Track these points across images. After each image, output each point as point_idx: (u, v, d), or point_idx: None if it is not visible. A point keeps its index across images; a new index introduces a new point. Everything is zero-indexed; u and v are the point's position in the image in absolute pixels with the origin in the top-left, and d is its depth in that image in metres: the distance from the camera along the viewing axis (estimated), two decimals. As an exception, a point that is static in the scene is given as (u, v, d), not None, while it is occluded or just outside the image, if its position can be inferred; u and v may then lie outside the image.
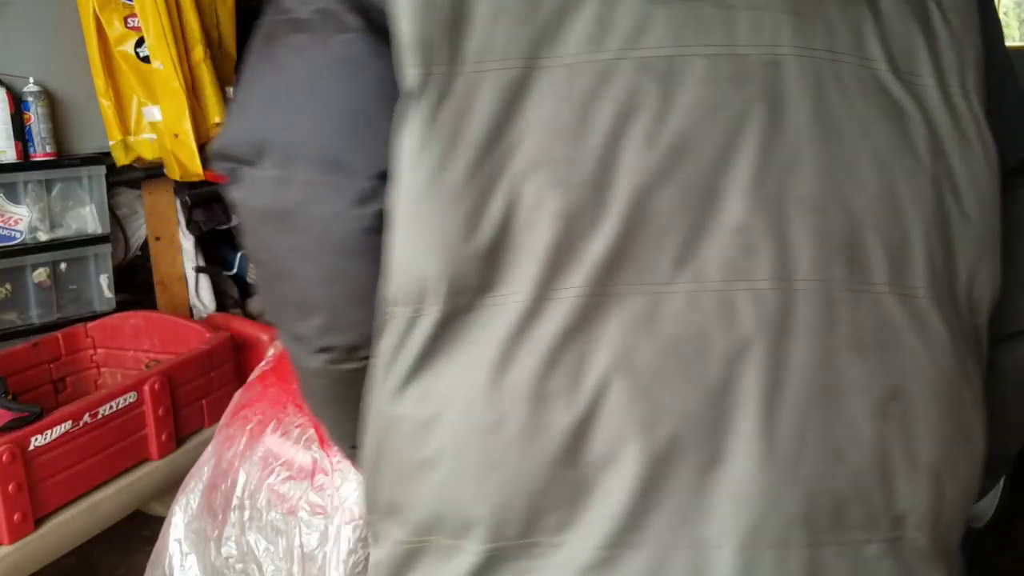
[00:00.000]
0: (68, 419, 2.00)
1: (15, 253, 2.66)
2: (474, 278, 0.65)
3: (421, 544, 0.71)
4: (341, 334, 0.73)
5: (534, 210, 0.64)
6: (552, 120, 0.63)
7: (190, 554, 1.52)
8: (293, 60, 0.70)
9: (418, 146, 0.64)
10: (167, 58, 2.71)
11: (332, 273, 0.71)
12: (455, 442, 0.67)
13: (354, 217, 0.68)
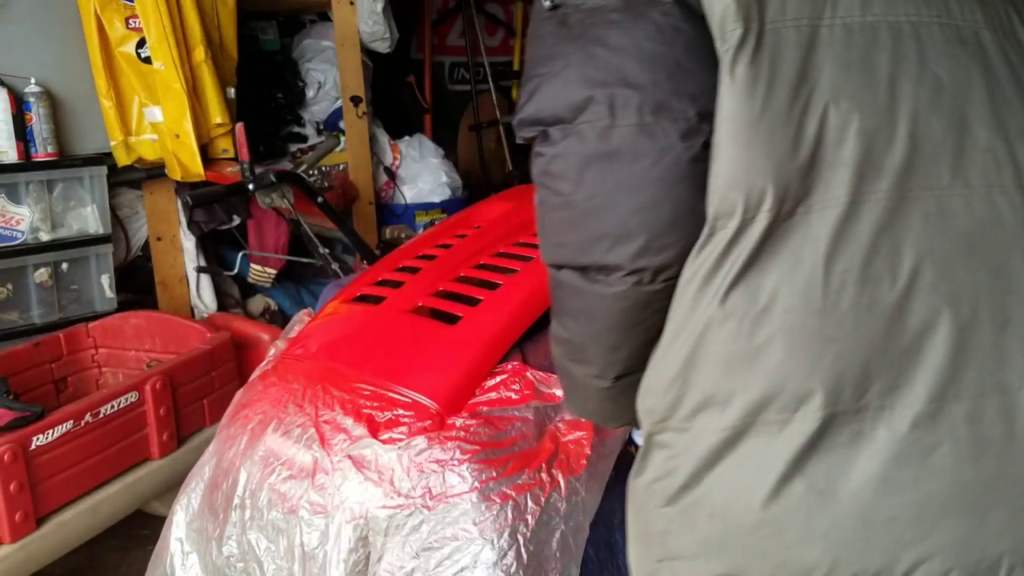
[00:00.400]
0: (69, 419, 2.00)
1: (16, 253, 2.66)
2: (797, 188, 0.80)
3: (744, 426, 0.83)
4: (655, 256, 0.85)
5: (842, 130, 0.80)
6: (843, 62, 0.82)
7: (191, 553, 1.53)
8: (612, 32, 0.84)
9: (746, 85, 0.80)
10: (168, 59, 2.72)
11: (656, 200, 0.84)
12: (791, 326, 0.80)
13: (684, 148, 0.83)
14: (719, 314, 0.82)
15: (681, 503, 0.88)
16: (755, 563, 0.85)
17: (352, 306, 1.62)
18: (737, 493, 0.84)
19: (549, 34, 0.89)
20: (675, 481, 0.87)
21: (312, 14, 3.89)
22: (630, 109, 0.83)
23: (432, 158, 4.05)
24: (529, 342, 1.45)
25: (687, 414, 0.86)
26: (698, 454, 0.85)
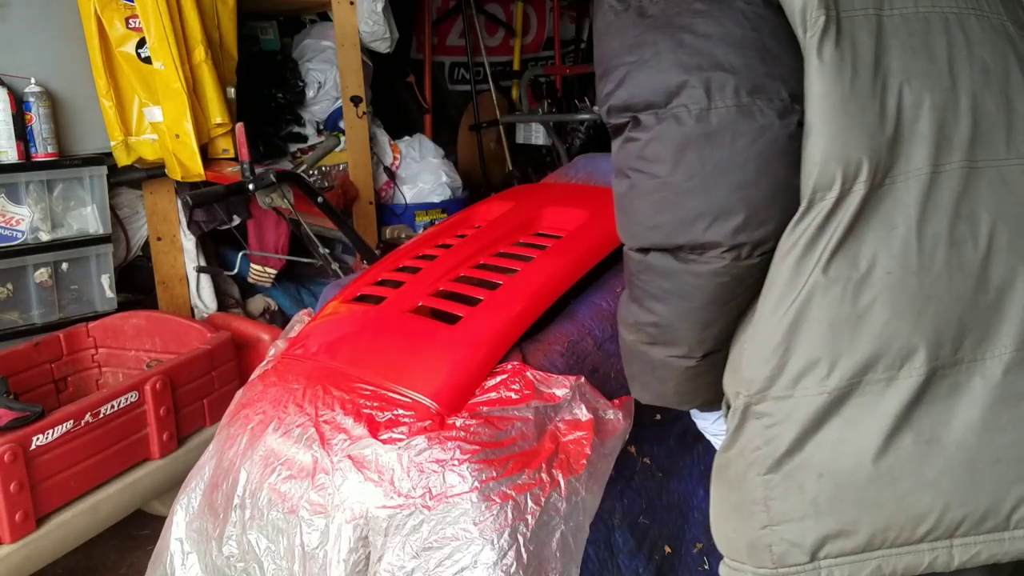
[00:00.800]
0: (70, 418, 2.00)
1: (17, 253, 2.67)
2: (886, 160, 0.88)
3: (850, 387, 0.89)
4: (755, 231, 0.90)
5: (917, 107, 0.89)
6: (908, 47, 0.91)
7: (191, 553, 1.53)
8: (699, 21, 0.89)
9: (834, 66, 0.88)
10: (168, 59, 2.72)
11: (755, 177, 0.89)
12: (892, 287, 0.88)
13: (781, 126, 0.88)
14: (823, 281, 0.89)
15: (785, 468, 0.93)
16: (867, 516, 0.90)
17: (352, 306, 1.62)
18: (846, 451, 0.89)
19: (629, 25, 0.93)
20: (778, 447, 0.92)
21: (312, 14, 3.89)
22: (727, 91, 0.88)
23: (432, 158, 4.05)
24: (529, 342, 1.45)
25: (789, 381, 0.91)
26: (802, 419, 0.91)
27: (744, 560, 0.98)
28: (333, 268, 2.60)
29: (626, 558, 1.45)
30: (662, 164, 0.91)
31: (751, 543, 0.97)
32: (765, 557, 0.95)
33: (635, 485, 1.49)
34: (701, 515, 1.57)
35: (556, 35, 5.53)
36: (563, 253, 1.57)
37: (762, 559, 0.95)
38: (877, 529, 0.90)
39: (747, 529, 0.97)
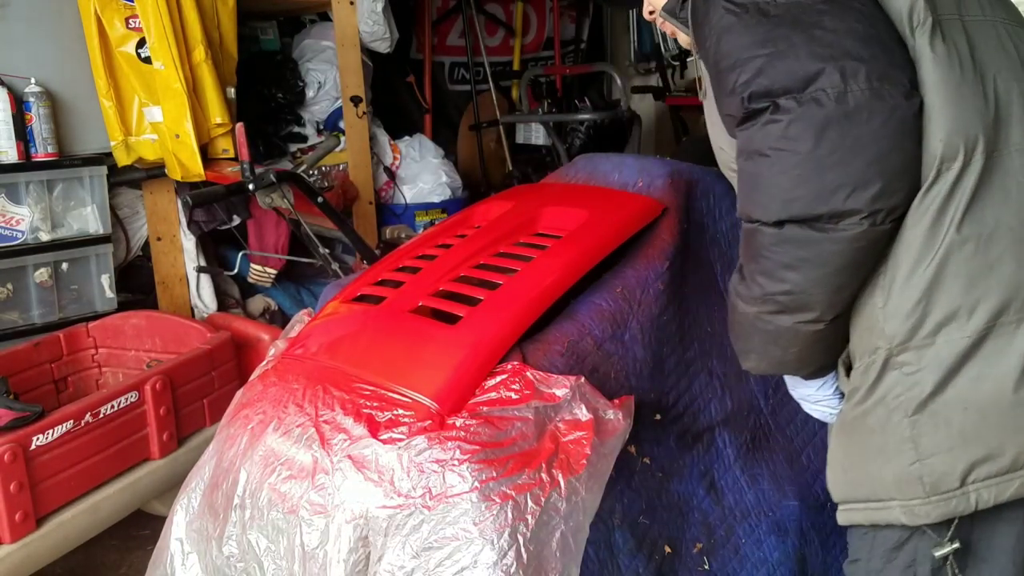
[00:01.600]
0: (70, 418, 2.00)
1: (17, 253, 2.67)
2: (993, 136, 1.06)
3: (987, 329, 1.05)
4: (889, 199, 1.03)
5: (1008, 93, 1.08)
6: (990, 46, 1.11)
7: (191, 553, 1.53)
8: (825, 18, 1.03)
9: (945, 58, 1.06)
10: (168, 59, 2.72)
11: (889, 151, 1.01)
12: (1017, 241, 1.05)
13: (908, 106, 1.02)
14: (957, 239, 1.05)
15: (930, 408, 1.07)
16: (1011, 439, 1.05)
17: (352, 306, 1.62)
18: (987, 386, 1.05)
19: (754, 24, 1.05)
20: (923, 390, 1.07)
21: (312, 14, 3.89)
22: (860, 77, 1.00)
23: (432, 158, 4.05)
24: (529, 342, 1.45)
25: (930, 331, 1.06)
26: (944, 362, 1.06)
27: (892, 496, 1.11)
28: (333, 268, 2.60)
29: (626, 558, 1.45)
30: (804, 141, 1.01)
31: (900, 479, 1.09)
32: (917, 489, 1.08)
33: (635, 485, 1.49)
34: (701, 515, 1.57)
35: (556, 35, 5.53)
36: (563, 253, 1.57)
37: (914, 491, 1.09)
38: (1021, 450, 1.06)
39: (895, 467, 1.10)
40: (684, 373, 1.61)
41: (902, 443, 1.08)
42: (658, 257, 1.62)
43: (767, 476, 1.67)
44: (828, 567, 1.72)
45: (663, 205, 1.68)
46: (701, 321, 1.66)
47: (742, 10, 1.06)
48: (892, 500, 1.11)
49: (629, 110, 4.32)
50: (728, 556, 1.59)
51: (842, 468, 1.19)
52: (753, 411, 1.69)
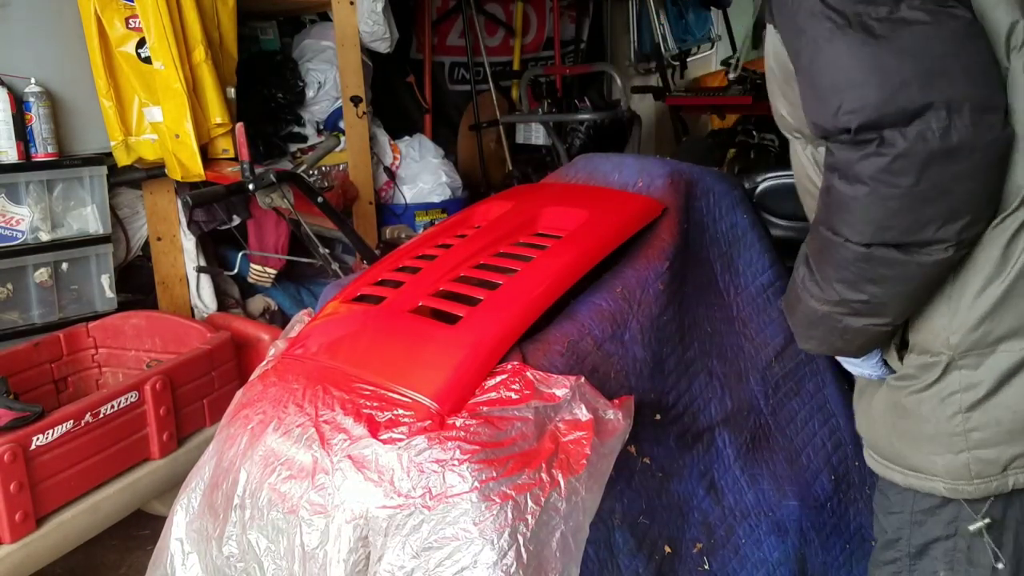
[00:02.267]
0: (70, 419, 2.01)
1: (16, 253, 2.67)
2: None
3: None
4: (974, 228, 1.07)
5: None
6: None
7: (191, 553, 1.53)
8: (934, 44, 1.01)
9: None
10: (168, 59, 2.72)
11: (983, 184, 1.05)
12: None
13: (1004, 138, 1.03)
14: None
15: (984, 407, 1.16)
16: None
17: (352, 306, 1.62)
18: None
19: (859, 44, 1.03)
20: (979, 392, 1.16)
21: (312, 14, 3.89)
22: (964, 112, 1.00)
23: (432, 158, 4.05)
24: (529, 342, 1.45)
25: (992, 342, 1.14)
26: (1000, 370, 1.14)
27: (937, 474, 1.22)
28: (333, 268, 2.60)
29: (626, 558, 1.45)
30: (907, 177, 1.03)
31: (950, 464, 1.20)
32: (963, 473, 1.20)
33: (635, 485, 1.49)
34: (701, 515, 1.57)
35: (556, 35, 5.53)
36: (563, 253, 1.57)
37: (960, 475, 1.20)
38: None
39: (946, 453, 1.20)
40: (684, 373, 1.61)
41: (954, 435, 1.19)
42: (658, 257, 1.62)
43: (767, 476, 1.67)
44: (828, 567, 1.72)
45: (663, 205, 1.68)
46: (701, 321, 1.66)
47: (844, 22, 1.03)
48: (936, 477, 1.22)
49: (629, 110, 4.33)
50: (728, 556, 1.59)
51: (888, 439, 1.29)
52: (753, 411, 1.69)
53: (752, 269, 1.76)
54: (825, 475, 1.75)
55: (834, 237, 1.13)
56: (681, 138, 5.44)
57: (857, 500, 1.79)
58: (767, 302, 1.76)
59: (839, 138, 1.07)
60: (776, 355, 1.74)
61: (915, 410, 1.22)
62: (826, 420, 1.79)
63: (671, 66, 6.02)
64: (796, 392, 1.76)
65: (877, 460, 1.33)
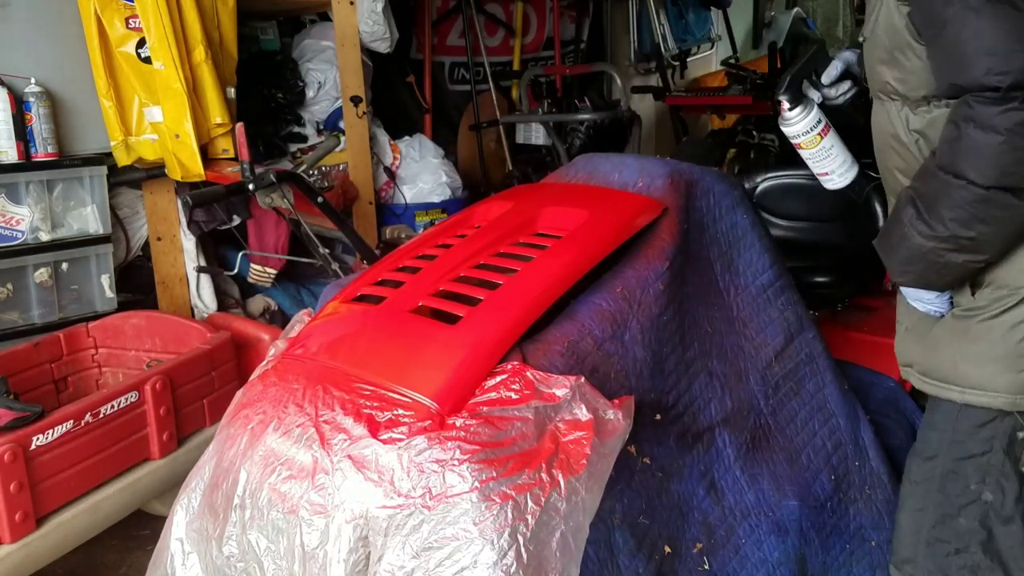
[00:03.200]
0: (70, 418, 2.01)
1: (16, 253, 2.67)
2: None
3: None
4: None
5: None
6: None
7: (192, 553, 1.53)
8: None
9: None
10: (168, 59, 2.72)
11: None
12: None
13: None
14: None
15: None
16: None
17: (352, 306, 1.62)
18: None
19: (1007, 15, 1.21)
20: None
21: (312, 14, 3.89)
22: None
23: (432, 158, 4.05)
24: (529, 342, 1.45)
25: None
26: None
27: (999, 390, 1.42)
28: (333, 268, 2.60)
29: (626, 558, 1.45)
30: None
31: (1012, 382, 1.41)
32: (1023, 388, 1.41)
33: (635, 485, 1.49)
34: (701, 515, 1.57)
35: (556, 35, 5.53)
36: (563, 253, 1.57)
37: (1020, 390, 1.40)
38: None
39: (1008, 372, 1.41)
40: (684, 373, 1.61)
41: (1020, 357, 1.40)
42: (658, 257, 1.62)
43: (767, 476, 1.67)
44: (828, 567, 1.72)
45: (663, 205, 1.68)
46: (701, 321, 1.66)
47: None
48: (998, 392, 1.42)
49: (629, 110, 4.33)
50: (728, 556, 1.59)
51: (952, 361, 1.47)
52: (753, 411, 1.69)
53: (752, 269, 1.76)
54: (825, 475, 1.75)
55: (955, 180, 1.29)
56: (681, 138, 5.44)
57: (857, 500, 1.79)
58: (767, 302, 1.76)
59: (983, 95, 1.24)
60: (776, 355, 1.74)
61: (985, 335, 1.42)
62: (826, 420, 1.79)
63: (671, 66, 6.02)
64: (796, 392, 1.76)
65: (930, 382, 1.52)
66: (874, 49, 1.49)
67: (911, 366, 1.58)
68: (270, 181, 2.47)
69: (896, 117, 1.48)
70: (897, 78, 1.45)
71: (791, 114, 1.68)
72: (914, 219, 1.38)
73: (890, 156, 1.53)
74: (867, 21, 1.54)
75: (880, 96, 1.52)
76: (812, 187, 1.89)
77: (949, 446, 1.51)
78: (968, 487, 1.50)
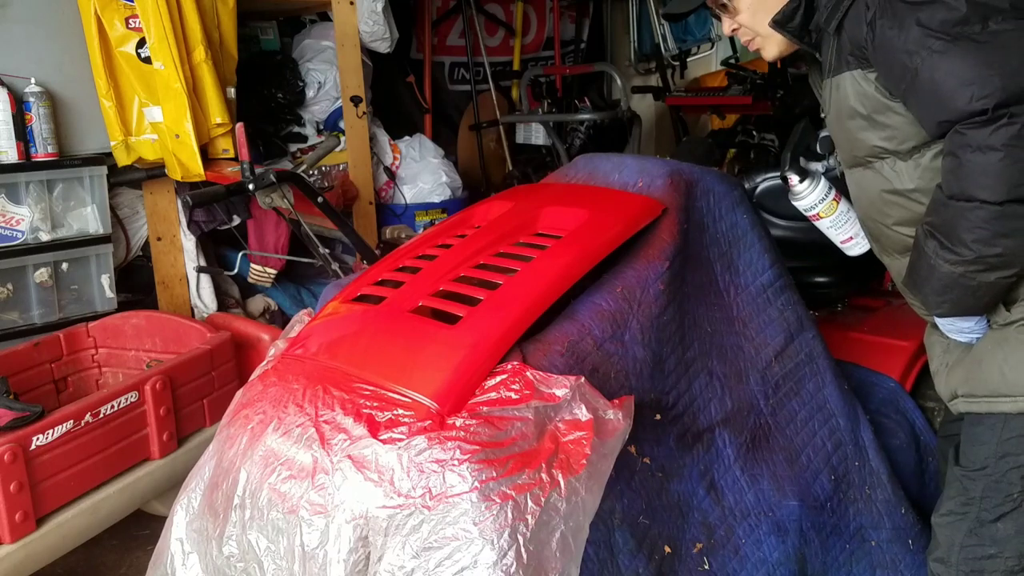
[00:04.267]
0: (70, 418, 2.00)
1: (17, 253, 2.67)
2: None
3: None
4: None
5: None
6: None
7: (192, 553, 1.53)
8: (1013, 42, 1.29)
9: None
10: (168, 59, 2.72)
11: None
12: None
13: None
14: None
15: None
16: None
17: (352, 306, 1.62)
18: None
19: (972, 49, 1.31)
20: None
21: (312, 14, 3.89)
22: None
23: (432, 158, 4.05)
24: (529, 342, 1.45)
25: None
26: None
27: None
28: (333, 268, 2.60)
29: (626, 558, 1.45)
30: None
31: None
32: None
33: (635, 485, 1.49)
34: (701, 515, 1.57)
35: (556, 35, 5.53)
36: (563, 253, 1.57)
37: None
38: None
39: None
40: (684, 373, 1.61)
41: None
42: (658, 257, 1.62)
43: (767, 476, 1.67)
44: (828, 567, 1.72)
45: (663, 205, 1.68)
46: (701, 321, 1.66)
47: (950, 38, 1.31)
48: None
49: (629, 110, 4.32)
50: (728, 556, 1.59)
51: (999, 373, 1.50)
52: (753, 411, 1.69)
53: (752, 269, 1.76)
54: (825, 475, 1.75)
55: (967, 204, 1.34)
56: (681, 138, 5.44)
57: (857, 500, 1.79)
58: (767, 302, 1.76)
59: (971, 121, 1.30)
60: (776, 355, 1.74)
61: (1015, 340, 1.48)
62: (826, 420, 1.79)
63: (671, 66, 6.02)
64: (796, 392, 1.76)
65: (977, 400, 1.55)
66: (848, 122, 1.55)
67: (957, 395, 1.60)
68: (270, 181, 2.47)
69: (890, 172, 1.54)
70: (884, 137, 1.51)
71: (801, 187, 1.77)
72: (938, 249, 1.41)
73: (890, 212, 1.58)
74: (826, 103, 1.62)
75: (868, 162, 1.57)
76: (812, 187, 1.89)
77: (996, 459, 1.53)
78: (1011, 495, 1.52)
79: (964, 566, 1.57)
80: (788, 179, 1.78)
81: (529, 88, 5.01)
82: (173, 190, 3.09)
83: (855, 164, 1.61)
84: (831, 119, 1.61)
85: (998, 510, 1.54)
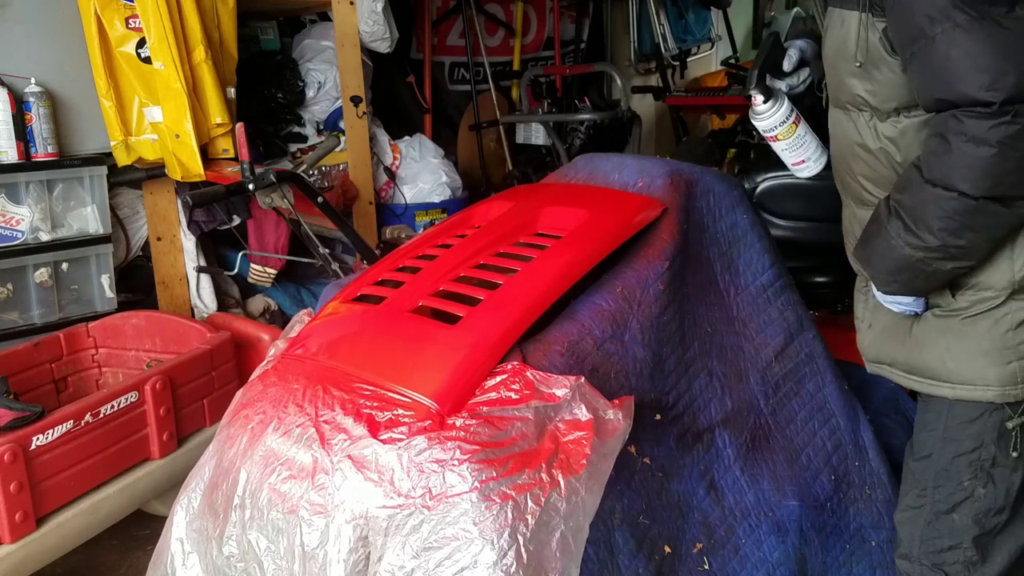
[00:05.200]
0: (70, 419, 2.01)
1: (17, 253, 2.67)
2: None
3: None
4: None
5: None
6: None
7: (192, 553, 1.53)
8: None
9: None
10: (168, 59, 2.72)
11: None
12: None
13: None
14: None
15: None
16: None
17: (352, 306, 1.62)
18: None
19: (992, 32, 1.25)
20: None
21: (312, 14, 3.89)
22: None
23: (432, 158, 4.05)
24: (529, 342, 1.45)
25: None
26: None
27: (990, 383, 1.46)
28: (333, 268, 2.60)
29: (626, 558, 1.45)
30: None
31: (1001, 373, 1.46)
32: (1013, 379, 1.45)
33: (635, 485, 1.49)
34: (701, 515, 1.57)
35: (556, 35, 5.53)
36: (563, 253, 1.57)
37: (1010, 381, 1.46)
38: None
39: (998, 365, 1.46)
40: (684, 373, 1.61)
41: (1006, 349, 1.45)
42: (658, 257, 1.62)
43: (767, 476, 1.67)
44: (828, 567, 1.72)
45: (663, 205, 1.68)
46: (701, 321, 1.66)
47: (977, 15, 1.26)
48: (988, 385, 1.47)
49: (629, 110, 4.33)
50: (728, 556, 1.59)
51: (940, 360, 1.51)
52: (753, 411, 1.69)
53: (752, 269, 1.76)
54: (825, 475, 1.75)
55: (944, 192, 1.32)
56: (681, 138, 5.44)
57: (857, 500, 1.79)
58: (767, 302, 1.76)
59: (973, 110, 1.27)
60: (776, 355, 1.74)
61: (970, 331, 1.47)
62: (826, 420, 1.79)
63: (671, 66, 6.02)
64: (796, 392, 1.76)
65: (917, 380, 1.56)
66: (841, 62, 1.50)
67: (892, 364, 1.61)
68: (270, 181, 2.47)
69: (865, 127, 1.50)
70: (868, 90, 1.46)
71: (765, 107, 1.71)
72: (901, 231, 1.40)
73: (856, 164, 1.55)
74: (827, 34, 1.55)
75: (847, 107, 1.53)
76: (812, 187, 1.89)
77: (942, 444, 1.55)
78: (961, 484, 1.54)
79: (926, 560, 1.59)
80: (752, 98, 1.71)
81: (529, 88, 5.01)
82: (173, 190, 3.09)
83: (837, 104, 1.57)
84: (827, 50, 1.55)
85: (951, 499, 1.55)
